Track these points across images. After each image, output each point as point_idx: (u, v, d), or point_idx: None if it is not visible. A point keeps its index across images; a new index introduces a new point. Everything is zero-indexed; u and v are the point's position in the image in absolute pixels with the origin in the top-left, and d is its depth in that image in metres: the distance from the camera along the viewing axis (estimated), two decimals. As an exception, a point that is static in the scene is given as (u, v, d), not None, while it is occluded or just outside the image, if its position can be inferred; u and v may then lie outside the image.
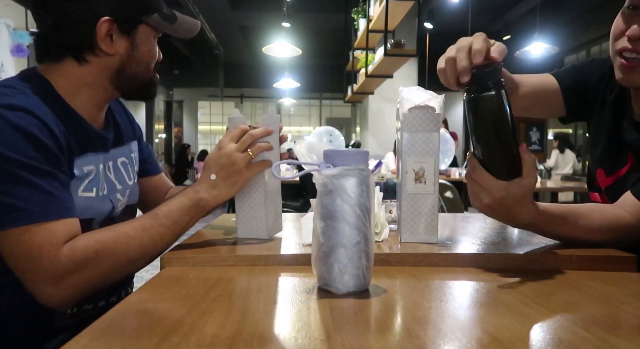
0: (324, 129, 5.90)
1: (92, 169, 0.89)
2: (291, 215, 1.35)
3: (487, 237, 0.98)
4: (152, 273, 0.84)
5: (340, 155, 0.63)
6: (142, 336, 0.48)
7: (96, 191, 0.90)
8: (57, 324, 0.86)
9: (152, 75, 0.97)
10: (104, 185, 0.93)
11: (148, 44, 0.92)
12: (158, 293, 0.64)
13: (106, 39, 0.87)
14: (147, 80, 0.96)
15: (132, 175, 1.05)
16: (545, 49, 5.57)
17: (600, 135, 1.05)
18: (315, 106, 12.90)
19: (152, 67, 0.96)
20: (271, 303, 0.60)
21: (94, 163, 0.90)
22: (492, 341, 0.47)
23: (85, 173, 0.87)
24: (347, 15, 6.57)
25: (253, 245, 0.89)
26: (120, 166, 1.01)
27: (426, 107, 0.88)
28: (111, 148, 0.98)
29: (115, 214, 0.98)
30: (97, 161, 0.91)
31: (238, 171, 0.88)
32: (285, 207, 4.42)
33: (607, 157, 1.03)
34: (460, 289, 0.70)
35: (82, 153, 0.88)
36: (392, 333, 0.50)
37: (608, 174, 1.02)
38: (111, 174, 0.97)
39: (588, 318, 0.55)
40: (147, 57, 0.93)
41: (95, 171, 0.90)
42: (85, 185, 0.87)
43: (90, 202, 0.88)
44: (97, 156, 0.92)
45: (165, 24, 0.93)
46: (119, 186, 0.99)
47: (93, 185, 0.89)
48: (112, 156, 0.99)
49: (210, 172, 0.88)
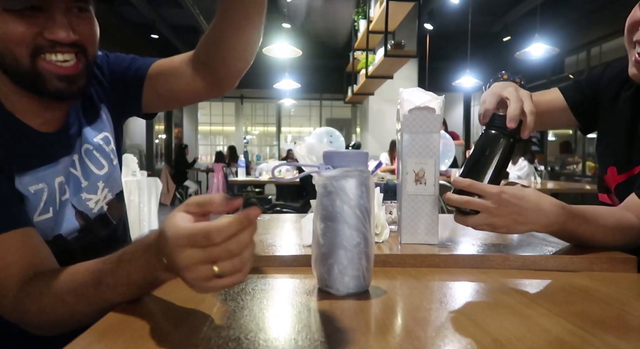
0: (324, 130, 5.90)
1: (41, 187, 0.77)
2: (291, 216, 1.35)
3: (487, 238, 0.98)
4: (152, 274, 0.83)
5: (340, 156, 0.63)
6: (143, 338, 0.48)
7: (53, 210, 0.79)
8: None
9: (36, 64, 0.73)
10: (65, 190, 0.82)
11: None
12: (158, 294, 0.64)
13: None
14: (27, 71, 0.73)
15: (105, 159, 0.89)
16: (545, 50, 5.57)
17: (616, 131, 1.05)
18: (315, 107, 12.89)
19: (24, 53, 0.72)
20: (271, 304, 0.60)
21: (45, 180, 0.77)
22: (492, 342, 0.47)
23: (32, 193, 0.75)
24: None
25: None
26: (85, 157, 0.87)
27: (426, 108, 0.88)
28: (76, 140, 0.85)
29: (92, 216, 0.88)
30: (50, 175, 0.78)
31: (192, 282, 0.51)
32: (285, 208, 4.42)
33: (622, 153, 1.02)
34: (460, 291, 0.69)
35: (28, 169, 0.75)
36: (392, 334, 0.50)
37: (621, 171, 1.01)
38: (77, 171, 0.85)
39: (588, 319, 0.54)
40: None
41: (47, 189, 0.78)
42: (41, 208, 0.77)
43: (49, 223, 0.78)
44: (51, 167, 0.79)
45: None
46: (85, 182, 0.86)
47: (49, 205, 0.78)
48: (78, 149, 0.86)
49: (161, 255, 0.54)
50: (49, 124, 0.80)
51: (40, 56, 0.73)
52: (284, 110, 12.71)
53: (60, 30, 0.71)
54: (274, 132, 12.77)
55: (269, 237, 0.99)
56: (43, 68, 0.73)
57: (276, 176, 4.28)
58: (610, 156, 1.06)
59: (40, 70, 0.73)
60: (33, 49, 0.72)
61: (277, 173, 4.76)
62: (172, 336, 0.48)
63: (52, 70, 0.74)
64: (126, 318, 0.55)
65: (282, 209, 4.41)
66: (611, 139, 1.06)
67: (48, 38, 0.72)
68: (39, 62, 0.73)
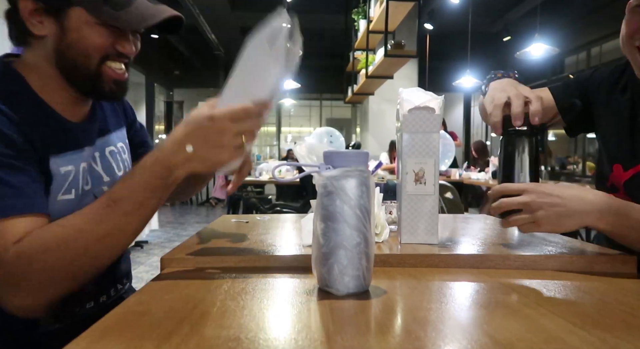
0: (324, 130, 5.90)
1: (70, 169, 0.85)
2: (291, 216, 1.35)
3: (487, 238, 0.98)
4: (152, 273, 0.84)
5: (340, 156, 0.63)
6: (142, 338, 0.48)
7: (75, 192, 0.86)
8: (43, 329, 0.83)
9: (100, 68, 0.85)
10: (88, 180, 0.89)
11: (84, 30, 0.82)
12: (158, 294, 0.64)
13: (32, 19, 0.81)
14: (92, 73, 0.85)
15: (123, 165, 1.00)
16: (545, 50, 5.57)
17: (618, 130, 1.05)
18: (315, 107, 12.89)
19: (96, 58, 0.84)
20: (271, 304, 0.60)
21: (74, 162, 0.86)
22: (492, 343, 0.47)
23: (62, 174, 0.83)
24: (348, 16, 6.57)
25: (253, 246, 0.89)
26: (108, 156, 0.96)
27: (426, 108, 0.88)
28: (98, 138, 0.94)
29: None
30: (78, 159, 0.87)
31: (224, 152, 0.72)
32: (286, 208, 4.42)
33: (626, 150, 1.01)
34: (460, 291, 0.69)
35: (60, 152, 0.83)
36: (392, 334, 0.50)
37: (626, 167, 1.00)
38: (98, 166, 0.93)
39: (588, 318, 0.54)
40: (83, 45, 0.82)
41: (74, 171, 0.86)
42: (65, 188, 0.83)
43: (70, 205, 0.84)
44: (78, 153, 0.87)
45: (107, 9, 0.81)
46: (107, 178, 0.94)
47: (72, 186, 0.85)
48: (99, 147, 0.94)
49: (187, 141, 0.71)
50: (76, 115, 0.90)
51: (105, 63, 0.86)
52: (284, 110, 12.70)
53: (129, 45, 0.87)
54: (274, 132, 12.76)
55: (269, 237, 0.99)
56: (105, 73, 0.86)
57: (276, 176, 4.27)
58: (614, 154, 1.06)
59: (102, 74, 0.86)
60: (102, 56, 0.85)
61: (277, 173, 4.76)
62: (172, 336, 0.48)
63: (111, 75, 0.87)
64: (126, 318, 0.55)
65: (282, 209, 4.42)
66: (614, 138, 1.06)
67: (118, 50, 0.86)
68: (103, 68, 0.86)
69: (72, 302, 0.86)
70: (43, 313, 0.78)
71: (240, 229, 1.10)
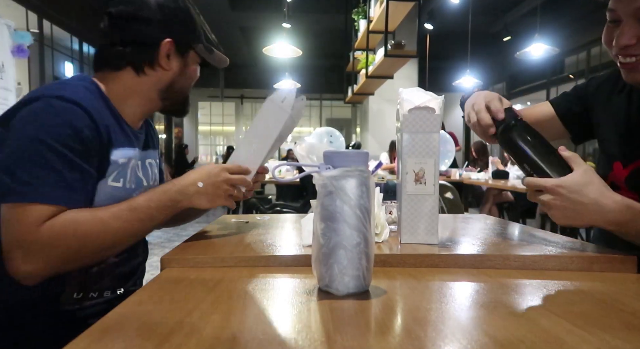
0: (324, 130, 5.90)
1: (125, 161, 0.98)
2: (291, 216, 1.35)
3: (487, 238, 0.98)
4: (152, 273, 0.84)
5: (340, 156, 0.63)
6: (143, 338, 0.48)
7: (123, 182, 0.98)
8: (63, 307, 0.92)
9: (189, 93, 1.14)
10: (133, 178, 1.02)
11: (194, 65, 1.10)
12: (158, 294, 0.64)
13: (165, 57, 1.03)
14: (186, 96, 1.13)
15: (154, 178, 1.15)
16: (545, 50, 5.57)
17: (616, 129, 1.07)
18: (315, 107, 12.89)
19: (191, 86, 1.12)
20: (271, 304, 0.60)
21: (128, 156, 1.00)
22: (492, 343, 0.47)
23: (119, 163, 0.97)
24: (348, 16, 6.57)
25: (253, 246, 0.89)
26: (147, 166, 1.11)
27: (426, 108, 0.88)
28: (142, 150, 1.09)
29: None
30: (131, 154, 1.01)
31: (221, 195, 0.98)
32: (286, 208, 4.42)
33: (625, 148, 1.04)
34: (460, 291, 0.69)
35: (120, 146, 0.98)
36: (392, 334, 0.50)
37: (625, 164, 1.03)
38: (139, 171, 1.06)
39: (588, 319, 0.54)
40: (192, 76, 1.10)
41: (127, 163, 0.99)
42: (115, 175, 0.96)
43: (116, 192, 0.96)
44: (132, 150, 1.01)
45: (206, 53, 1.10)
46: (145, 182, 1.09)
47: (121, 176, 0.98)
48: (143, 156, 1.09)
49: (200, 179, 0.96)
50: (134, 123, 1.07)
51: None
52: (284, 110, 12.67)
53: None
54: (274, 132, 12.70)
55: (269, 237, 0.99)
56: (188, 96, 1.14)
57: (276, 176, 4.27)
58: (614, 152, 1.07)
59: (188, 97, 1.14)
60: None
61: (277, 173, 4.76)
62: (172, 336, 0.48)
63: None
64: (126, 318, 0.55)
65: (282, 209, 4.41)
66: (613, 137, 1.08)
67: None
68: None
69: (94, 288, 0.96)
70: (36, 280, 0.85)
71: (240, 229, 1.10)
